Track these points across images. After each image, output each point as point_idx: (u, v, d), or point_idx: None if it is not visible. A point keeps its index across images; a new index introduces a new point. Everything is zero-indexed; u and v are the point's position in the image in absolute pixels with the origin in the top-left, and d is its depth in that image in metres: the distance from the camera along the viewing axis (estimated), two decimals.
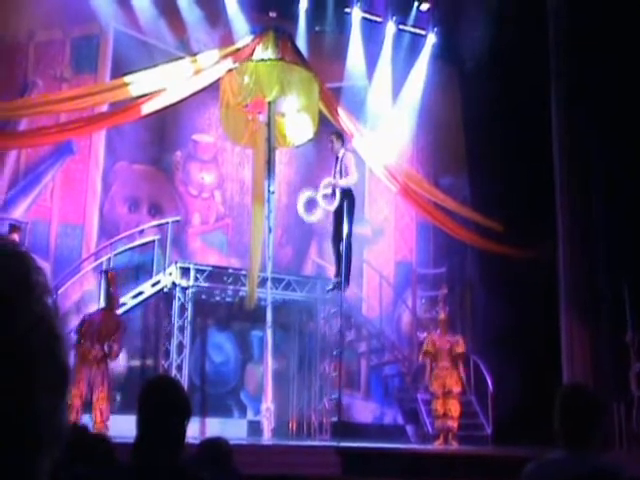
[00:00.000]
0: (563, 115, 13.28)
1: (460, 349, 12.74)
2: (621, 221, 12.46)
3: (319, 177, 12.98)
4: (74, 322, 11.64)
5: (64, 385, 0.93)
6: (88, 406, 10.80)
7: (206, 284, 13.07)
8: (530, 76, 13.80)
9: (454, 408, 12.47)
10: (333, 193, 12.03)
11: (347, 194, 11.88)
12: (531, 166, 13.91)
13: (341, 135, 12.30)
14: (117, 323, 11.34)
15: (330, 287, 12.34)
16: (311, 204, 12.43)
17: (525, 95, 13.89)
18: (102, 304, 11.86)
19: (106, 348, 10.99)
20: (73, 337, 11.06)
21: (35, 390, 0.87)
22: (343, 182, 11.88)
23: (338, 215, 11.94)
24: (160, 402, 2.90)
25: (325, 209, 12.46)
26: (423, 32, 16.27)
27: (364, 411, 14.86)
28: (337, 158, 12.05)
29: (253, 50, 12.83)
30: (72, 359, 10.81)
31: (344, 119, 13.75)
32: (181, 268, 12.93)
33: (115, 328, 11.22)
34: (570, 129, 13.14)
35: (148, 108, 12.56)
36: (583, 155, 12.97)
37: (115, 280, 11.68)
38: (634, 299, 11.85)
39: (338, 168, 11.95)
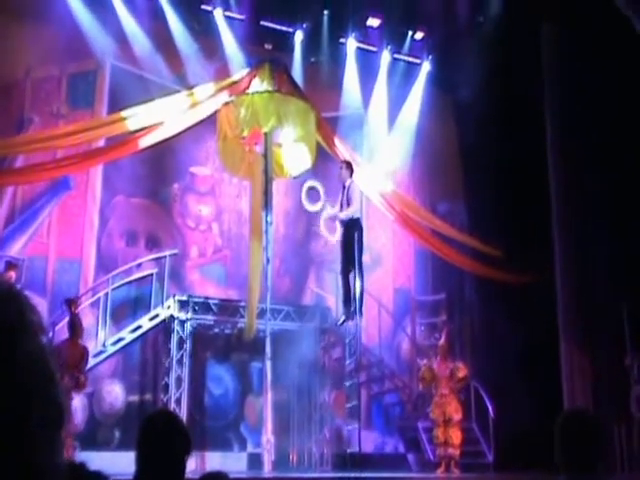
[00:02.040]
0: (559, 141, 13.36)
1: (461, 374, 12.66)
2: (619, 244, 12.48)
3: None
4: None
5: (60, 423, 0.93)
6: None
7: (205, 316, 13.05)
8: (525, 103, 13.88)
9: (455, 436, 12.38)
10: (341, 222, 11.97)
11: (355, 224, 11.78)
12: (528, 191, 13.96)
13: (350, 165, 12.25)
14: (81, 352, 11.21)
15: (341, 321, 12.24)
16: (314, 194, 12.33)
17: (520, 122, 13.96)
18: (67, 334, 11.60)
19: (73, 380, 10.81)
20: None
21: (31, 428, 0.87)
22: (343, 215, 11.82)
23: (346, 246, 11.83)
24: (159, 437, 2.89)
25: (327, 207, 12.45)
26: (418, 61, 16.37)
27: (365, 441, 14.70)
28: (343, 187, 12.00)
29: (249, 82, 12.92)
30: None
31: (341, 148, 13.82)
32: (179, 301, 12.91)
33: (80, 357, 11.10)
34: (566, 155, 13.21)
35: (145, 142, 12.62)
36: (579, 180, 13.03)
37: (78, 308, 11.56)
38: (633, 322, 11.84)
39: (344, 197, 11.89)
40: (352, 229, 11.68)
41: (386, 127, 16.22)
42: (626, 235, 12.36)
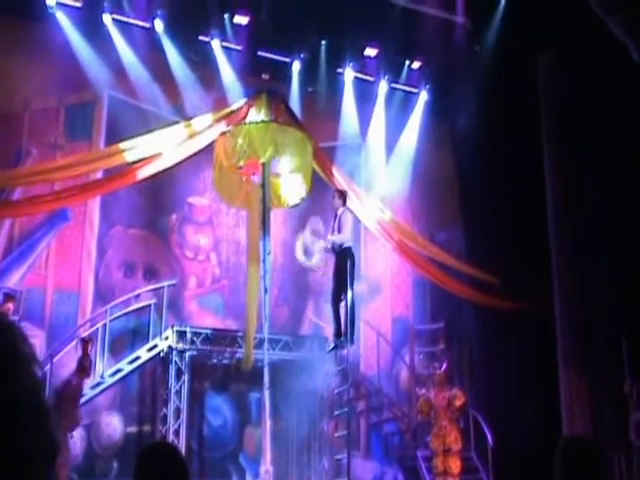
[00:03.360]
0: (556, 167, 13.38)
1: (459, 402, 12.60)
2: (618, 270, 12.46)
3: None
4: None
5: (53, 456, 0.93)
6: None
7: (203, 347, 13.02)
8: (522, 131, 13.92)
9: (454, 465, 12.32)
10: (332, 248, 11.96)
11: (348, 253, 11.80)
12: (525, 218, 13.97)
13: (343, 194, 12.28)
14: (80, 388, 11.25)
15: (331, 348, 12.25)
16: (308, 249, 12.40)
17: (517, 149, 13.99)
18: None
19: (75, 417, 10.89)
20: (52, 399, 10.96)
21: (25, 463, 0.87)
22: (334, 237, 11.83)
23: (337, 275, 11.85)
24: (158, 469, 2.88)
25: (324, 254, 12.44)
26: (415, 90, 16.42)
27: (364, 470, 14.67)
28: (336, 215, 12.03)
29: (247, 113, 12.95)
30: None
31: (338, 178, 13.84)
32: (177, 332, 12.90)
33: (79, 393, 11.15)
34: (564, 181, 13.23)
35: (143, 173, 12.66)
36: (578, 206, 13.04)
37: (89, 348, 11.57)
38: (632, 349, 11.81)
39: (335, 225, 11.93)
40: (344, 258, 11.71)
41: (384, 156, 16.25)
42: (625, 261, 12.35)
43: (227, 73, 14.69)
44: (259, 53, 15.02)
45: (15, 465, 0.85)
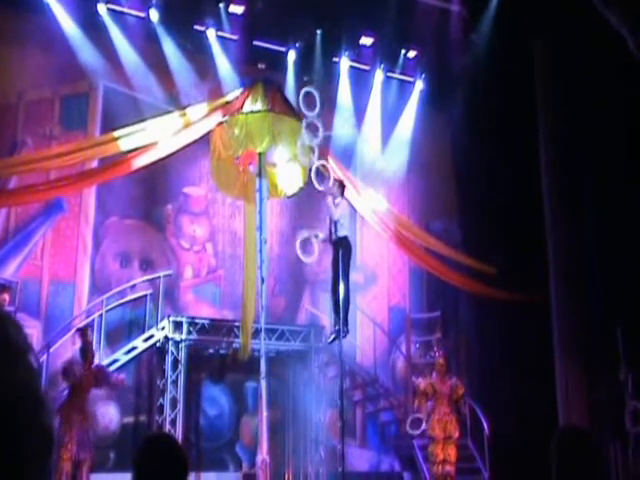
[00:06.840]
0: (552, 157, 13.40)
1: (461, 391, 12.59)
2: (613, 261, 12.49)
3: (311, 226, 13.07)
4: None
5: (50, 449, 0.93)
6: None
7: (199, 337, 13.02)
8: (518, 120, 13.93)
9: (452, 453, 12.29)
10: (329, 238, 11.86)
11: (343, 242, 11.74)
12: (522, 208, 13.98)
13: (342, 184, 12.18)
14: (94, 373, 11.11)
15: (330, 339, 12.17)
16: (308, 245, 12.36)
17: (514, 139, 14.00)
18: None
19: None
20: (65, 393, 10.95)
21: (22, 455, 0.87)
22: (336, 214, 11.71)
23: (336, 265, 11.78)
24: (157, 461, 2.88)
25: (320, 248, 12.39)
26: (411, 79, 16.40)
27: (361, 459, 14.71)
28: (333, 204, 11.94)
29: (243, 103, 12.92)
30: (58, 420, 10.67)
31: (334, 167, 13.82)
32: (174, 322, 12.88)
33: (94, 378, 11.01)
34: (560, 171, 13.25)
35: (139, 162, 12.63)
36: (574, 197, 13.06)
37: (90, 336, 11.53)
38: (627, 337, 11.85)
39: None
40: (340, 247, 11.66)
41: (380, 145, 16.24)
42: (620, 251, 12.37)
43: (222, 63, 14.65)
44: (254, 42, 14.97)
45: (11, 460, 0.85)
